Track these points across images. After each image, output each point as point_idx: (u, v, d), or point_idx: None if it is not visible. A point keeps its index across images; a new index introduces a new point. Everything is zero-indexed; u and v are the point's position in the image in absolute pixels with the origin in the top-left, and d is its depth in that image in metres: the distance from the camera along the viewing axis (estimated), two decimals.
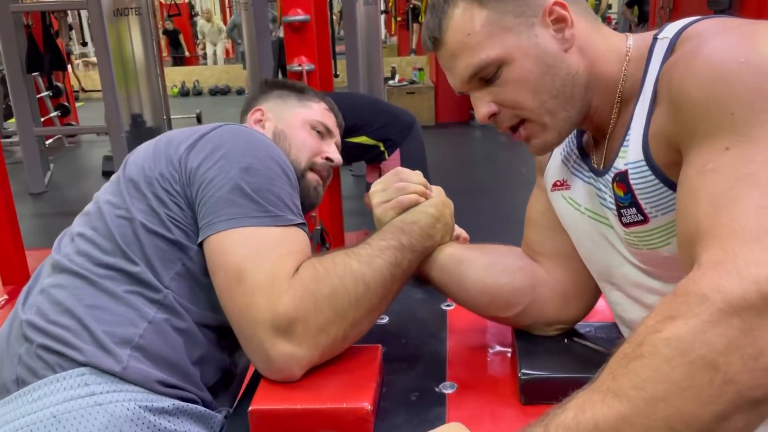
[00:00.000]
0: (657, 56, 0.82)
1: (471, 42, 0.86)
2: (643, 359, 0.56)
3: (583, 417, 0.57)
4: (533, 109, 0.87)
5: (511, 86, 0.86)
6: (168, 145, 1.05)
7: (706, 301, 0.55)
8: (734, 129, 0.65)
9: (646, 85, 0.82)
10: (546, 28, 0.85)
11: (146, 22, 5.16)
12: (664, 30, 0.84)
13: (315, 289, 0.90)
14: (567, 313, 1.04)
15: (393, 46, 12.58)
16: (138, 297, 0.95)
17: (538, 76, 0.85)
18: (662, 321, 0.57)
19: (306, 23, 2.47)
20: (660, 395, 0.54)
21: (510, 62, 0.85)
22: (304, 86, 1.37)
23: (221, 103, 10.93)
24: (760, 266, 0.55)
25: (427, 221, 1.02)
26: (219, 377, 1.04)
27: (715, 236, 0.60)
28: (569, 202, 0.99)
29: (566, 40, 0.85)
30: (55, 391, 0.87)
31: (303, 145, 1.25)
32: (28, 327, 0.93)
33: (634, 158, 0.82)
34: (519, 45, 0.85)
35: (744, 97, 0.66)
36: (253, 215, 0.94)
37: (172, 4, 12.53)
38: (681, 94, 0.72)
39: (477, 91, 0.89)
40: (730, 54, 0.68)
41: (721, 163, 0.65)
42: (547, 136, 0.89)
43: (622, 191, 0.84)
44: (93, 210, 1.05)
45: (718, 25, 0.76)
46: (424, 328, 1.17)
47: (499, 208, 4.52)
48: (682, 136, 0.72)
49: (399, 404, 0.93)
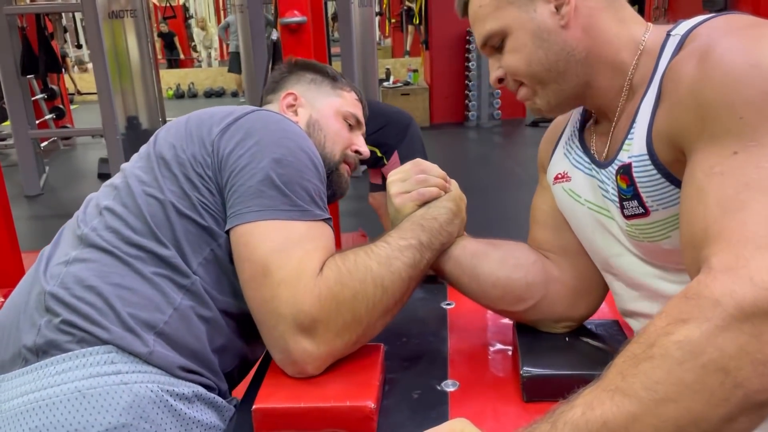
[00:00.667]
0: (667, 52, 0.83)
1: (481, 13, 0.93)
2: (654, 360, 0.57)
3: (591, 414, 0.57)
4: (526, 76, 0.92)
5: (509, 54, 0.92)
6: (199, 126, 1.04)
7: (718, 305, 0.56)
8: (743, 133, 0.66)
9: (655, 79, 0.83)
10: (546, 3, 0.89)
11: (141, 25, 5.15)
12: (677, 26, 0.85)
13: (338, 292, 0.90)
14: (576, 310, 1.04)
15: (387, 48, 12.60)
16: (166, 281, 0.95)
17: (532, 49, 0.90)
18: (674, 323, 0.58)
19: (303, 24, 2.48)
20: (671, 396, 0.55)
21: (509, 34, 0.91)
22: (336, 72, 1.32)
23: (216, 105, 10.90)
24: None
25: (447, 217, 1.02)
26: (236, 364, 1.04)
27: (726, 240, 0.61)
28: (569, 194, 1.00)
29: (563, 17, 0.88)
30: (81, 366, 0.87)
31: (337, 137, 1.22)
32: (52, 299, 0.92)
33: (638, 152, 0.83)
34: (518, 18, 0.90)
35: (754, 101, 0.66)
36: (282, 208, 0.94)
37: (167, 7, 12.51)
38: (690, 96, 0.72)
39: (490, 57, 0.97)
40: (740, 57, 0.69)
41: (729, 166, 0.66)
42: (537, 101, 0.95)
43: (625, 183, 0.85)
44: (121, 184, 1.03)
45: (727, 25, 0.77)
46: (424, 326, 1.17)
47: (494, 208, 4.53)
48: (689, 136, 0.73)
49: (401, 402, 0.93)
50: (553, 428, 0.59)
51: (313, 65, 1.33)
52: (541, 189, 1.10)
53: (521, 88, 0.95)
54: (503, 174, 5.73)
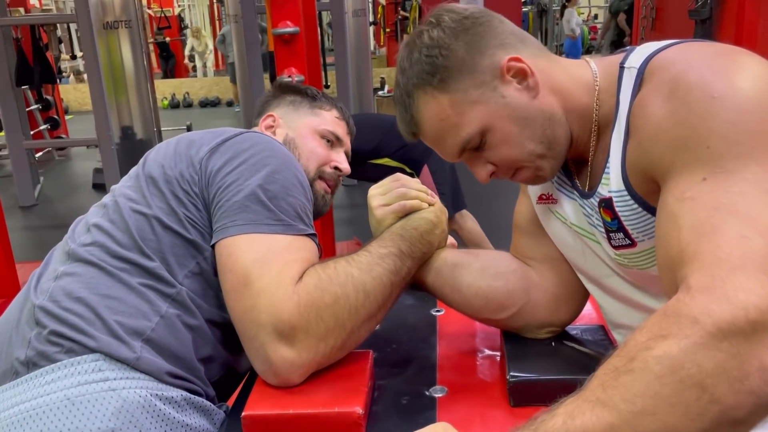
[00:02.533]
0: (626, 87, 0.85)
1: (447, 125, 0.90)
2: (633, 374, 0.58)
3: (572, 424, 0.58)
4: (524, 160, 0.91)
5: (498, 148, 0.90)
6: (189, 147, 1.07)
7: (696, 323, 0.58)
8: (710, 161, 0.68)
9: (620, 115, 0.85)
10: (509, 84, 0.88)
11: (136, 35, 5.17)
12: (629, 58, 0.87)
13: (318, 297, 0.91)
14: (558, 315, 1.06)
15: (382, 57, 12.63)
16: (151, 291, 0.97)
17: (519, 132, 0.89)
18: (653, 339, 0.59)
19: (296, 35, 2.50)
20: (649, 409, 0.57)
21: (490, 129, 0.89)
22: (316, 92, 1.37)
23: (211, 114, 10.92)
24: (747, 293, 0.58)
25: (427, 227, 1.03)
26: (222, 374, 1.05)
27: (701, 261, 0.63)
28: (557, 216, 1.02)
29: (531, 89, 0.89)
30: (69, 375, 0.89)
31: (311, 154, 1.26)
32: (41, 312, 0.94)
33: (617, 187, 0.85)
34: (491, 112, 0.88)
35: (719, 131, 0.69)
36: (266, 222, 0.96)
37: (161, 17, 12.55)
38: (659, 132, 0.75)
39: (471, 158, 0.94)
40: (703, 91, 0.72)
41: (699, 191, 0.68)
42: (541, 174, 0.93)
43: (609, 217, 0.88)
44: (110, 203, 1.07)
45: (686, 58, 0.78)
46: (414, 333, 1.18)
47: (489, 215, 4.54)
48: (661, 167, 0.75)
49: (390, 408, 0.94)
50: None
51: (294, 87, 1.40)
52: (523, 196, 1.11)
53: (520, 172, 0.93)
54: (497, 182, 5.72)
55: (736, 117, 0.69)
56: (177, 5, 16.62)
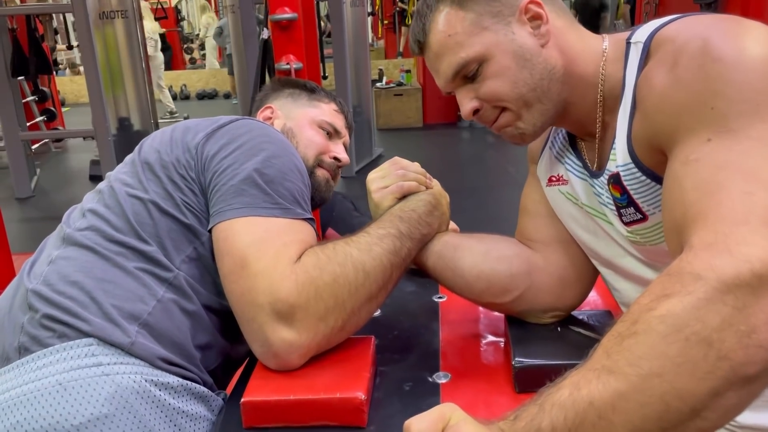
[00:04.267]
0: (633, 61, 0.85)
1: (452, 42, 0.90)
2: (637, 336, 0.57)
3: (578, 394, 0.57)
4: (511, 99, 0.90)
5: (490, 80, 0.90)
6: (185, 133, 1.07)
7: (699, 279, 0.56)
8: (714, 122, 0.68)
9: (627, 89, 0.85)
10: (523, 25, 0.89)
11: (133, 26, 5.14)
12: (635, 34, 0.87)
13: (317, 276, 0.90)
14: (563, 299, 1.04)
15: (380, 49, 12.60)
16: (148, 275, 0.96)
17: (516, 71, 0.88)
18: (656, 299, 0.58)
19: (294, 21, 2.47)
20: (656, 371, 0.55)
21: (489, 59, 0.89)
22: (315, 86, 1.39)
23: (209, 106, 10.89)
24: (750, 246, 0.57)
25: (425, 209, 1.03)
26: (220, 362, 1.04)
27: (704, 220, 0.62)
28: (568, 197, 1.01)
29: (542, 36, 0.89)
30: (61, 360, 0.87)
31: (310, 142, 1.26)
32: (34, 296, 0.93)
33: (623, 161, 0.85)
34: (497, 42, 0.88)
35: (722, 92, 0.69)
36: (263, 206, 0.95)
37: (158, 8, 12.48)
38: (663, 99, 0.75)
39: (461, 89, 0.93)
40: (707, 56, 0.71)
41: (703, 152, 0.68)
42: (520, 125, 0.92)
43: (618, 192, 0.87)
44: (105, 188, 1.06)
45: (689, 27, 0.78)
46: (416, 319, 1.17)
47: (487, 207, 4.54)
48: (666, 136, 0.75)
49: (393, 394, 0.93)
50: (541, 410, 0.59)
51: (293, 81, 1.42)
52: (532, 179, 1.10)
53: (504, 114, 0.92)
54: (496, 173, 5.73)
55: (740, 77, 0.68)
56: None
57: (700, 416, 0.55)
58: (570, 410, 0.57)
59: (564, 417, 0.57)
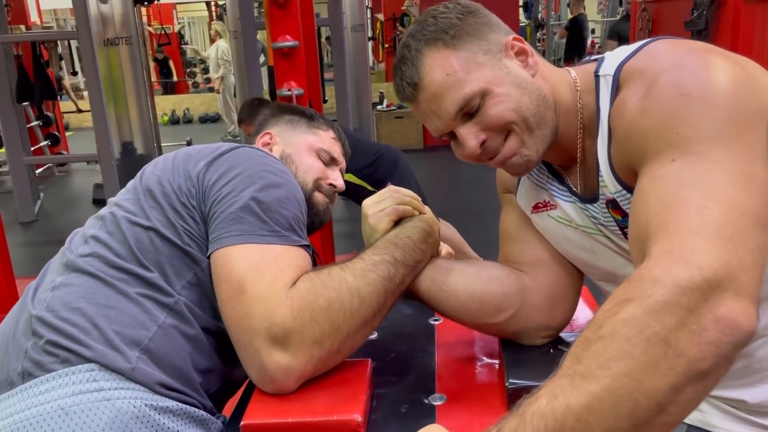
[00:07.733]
0: (604, 93, 0.91)
1: (452, 81, 0.93)
2: (604, 340, 0.61)
3: (556, 402, 0.61)
4: (518, 121, 0.93)
5: (495, 107, 0.93)
6: (186, 161, 1.09)
7: (657, 283, 0.62)
8: (679, 145, 0.74)
9: (602, 120, 0.91)
10: (511, 59, 0.95)
11: (137, 52, 5.20)
12: (602, 66, 0.93)
13: (312, 300, 0.92)
14: (554, 316, 1.06)
15: (381, 72, 12.69)
16: (149, 300, 0.97)
17: (518, 96, 0.93)
18: (619, 304, 0.63)
19: (295, 49, 2.52)
20: (624, 371, 0.59)
21: (490, 92, 0.93)
22: (314, 113, 1.42)
23: (211, 130, 10.95)
24: (703, 254, 0.63)
25: (420, 236, 1.05)
26: (219, 385, 1.05)
27: (664, 230, 0.68)
28: (560, 220, 1.04)
29: (531, 67, 0.96)
30: (63, 385, 0.88)
31: (309, 168, 1.29)
32: (38, 322, 0.95)
33: (614, 188, 0.90)
34: (494, 75, 0.93)
35: (687, 120, 0.75)
36: (260, 233, 0.98)
37: (161, 34, 12.63)
38: (633, 127, 0.81)
39: (463, 127, 0.95)
40: (675, 90, 0.78)
41: (668, 171, 0.73)
42: (525, 151, 0.95)
43: (620, 215, 0.91)
44: (107, 214, 1.07)
45: (657, 61, 0.84)
46: (412, 342, 1.18)
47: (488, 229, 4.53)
48: (638, 158, 0.80)
49: (389, 416, 0.94)
50: (522, 420, 0.62)
51: (292, 108, 1.44)
52: (507, 206, 1.15)
53: (510, 139, 0.94)
54: (496, 195, 5.73)
55: (705, 109, 0.74)
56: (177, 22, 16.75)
57: (664, 411, 0.59)
58: (549, 417, 0.60)
59: (545, 424, 0.60)
